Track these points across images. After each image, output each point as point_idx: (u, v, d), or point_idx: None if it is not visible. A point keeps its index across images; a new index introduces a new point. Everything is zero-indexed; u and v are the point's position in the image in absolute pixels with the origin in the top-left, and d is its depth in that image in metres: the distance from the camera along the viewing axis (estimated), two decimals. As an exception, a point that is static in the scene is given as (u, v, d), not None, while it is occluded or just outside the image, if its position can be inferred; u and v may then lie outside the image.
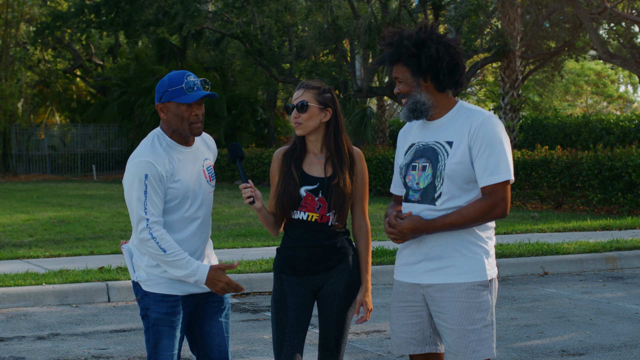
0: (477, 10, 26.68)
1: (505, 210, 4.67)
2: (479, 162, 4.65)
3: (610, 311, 9.78)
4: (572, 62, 47.98)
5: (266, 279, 10.99)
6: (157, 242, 4.83)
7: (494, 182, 4.63)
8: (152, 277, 4.99)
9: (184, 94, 4.87)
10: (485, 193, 4.66)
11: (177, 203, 4.96)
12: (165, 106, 4.92)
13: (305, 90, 5.08)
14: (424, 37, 4.72)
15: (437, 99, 4.78)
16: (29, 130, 42.79)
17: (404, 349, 4.89)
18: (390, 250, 12.58)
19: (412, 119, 4.81)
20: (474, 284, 4.69)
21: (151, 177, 4.84)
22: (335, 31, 30.09)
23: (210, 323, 5.14)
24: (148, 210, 4.84)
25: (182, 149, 5.00)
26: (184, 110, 4.89)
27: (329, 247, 5.07)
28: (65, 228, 17.02)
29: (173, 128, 4.96)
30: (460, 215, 4.64)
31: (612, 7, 26.56)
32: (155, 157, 4.88)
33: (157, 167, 4.86)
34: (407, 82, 4.77)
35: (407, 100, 4.78)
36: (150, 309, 5.00)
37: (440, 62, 4.69)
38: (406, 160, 4.86)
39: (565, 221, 17.16)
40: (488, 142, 4.65)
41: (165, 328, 4.98)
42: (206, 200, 5.09)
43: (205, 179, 5.07)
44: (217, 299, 5.15)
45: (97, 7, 38.51)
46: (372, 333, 8.81)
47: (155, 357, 5.01)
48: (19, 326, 9.18)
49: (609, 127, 29.19)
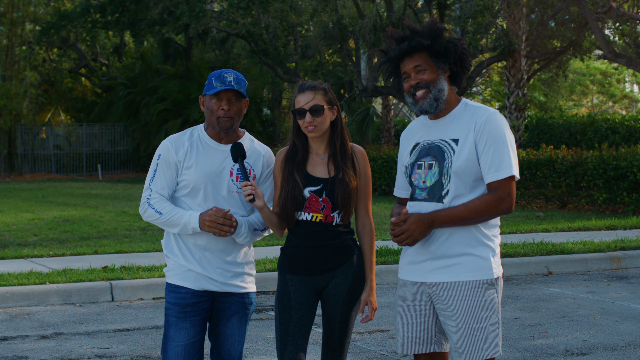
0: (484, 11, 26.65)
1: (510, 205, 4.66)
2: (485, 158, 4.65)
3: (614, 311, 9.76)
4: (578, 62, 47.94)
5: (270, 279, 10.99)
6: (152, 207, 5.10)
7: (499, 178, 4.63)
8: (171, 268, 5.18)
9: (212, 87, 5.05)
10: (491, 188, 4.66)
11: (188, 192, 5.13)
12: (203, 99, 5.16)
13: (315, 92, 5.05)
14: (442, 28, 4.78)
15: (449, 92, 4.81)
16: (34, 130, 42.81)
17: (408, 348, 4.88)
18: (394, 250, 12.57)
19: (431, 112, 4.79)
20: (480, 282, 4.68)
21: (163, 157, 5.14)
22: (341, 30, 30.09)
23: (226, 323, 5.22)
24: (153, 183, 5.14)
25: (215, 145, 5.17)
26: (214, 104, 5.08)
27: (333, 247, 5.06)
28: (69, 227, 17.03)
29: (208, 121, 5.17)
30: (466, 207, 4.63)
31: (618, 6, 26.52)
32: (175, 142, 5.16)
33: (171, 150, 5.13)
34: (430, 70, 4.77)
35: (428, 89, 4.76)
36: (165, 299, 5.20)
37: (456, 54, 4.77)
38: (411, 160, 4.85)
39: (570, 221, 17.14)
40: (493, 138, 4.65)
41: (172, 318, 5.12)
42: (230, 199, 5.15)
43: (231, 177, 5.15)
44: (235, 301, 5.20)
45: (103, 7, 38.54)
46: (375, 333, 8.80)
47: (164, 345, 5.16)
48: (22, 325, 9.18)
49: (614, 126, 29.17)
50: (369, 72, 30.26)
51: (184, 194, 5.14)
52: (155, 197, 5.11)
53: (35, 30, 43.92)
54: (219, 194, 5.12)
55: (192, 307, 5.10)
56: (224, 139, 5.17)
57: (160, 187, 5.13)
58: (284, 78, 32.84)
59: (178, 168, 5.12)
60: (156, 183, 5.13)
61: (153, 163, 5.17)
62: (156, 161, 5.14)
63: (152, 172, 5.15)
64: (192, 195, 5.11)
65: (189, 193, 5.12)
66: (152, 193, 5.12)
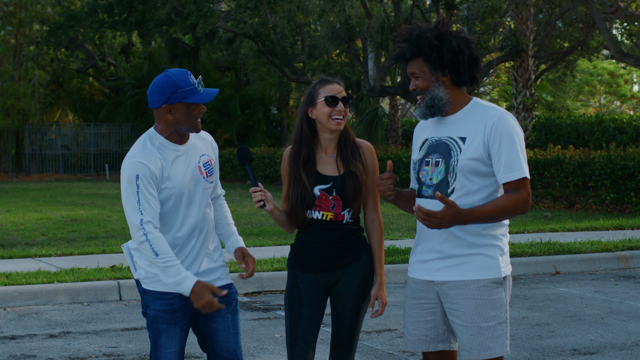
0: (492, 13, 26.64)
1: (529, 205, 4.68)
2: (498, 159, 4.64)
3: (621, 310, 9.75)
4: (586, 62, 47.88)
5: (277, 278, 10.99)
6: (150, 244, 4.77)
7: (515, 178, 4.63)
8: (150, 275, 4.94)
9: (196, 93, 4.87)
10: (512, 188, 4.64)
11: (173, 202, 4.91)
12: (172, 107, 4.87)
13: (341, 85, 5.09)
14: (444, 30, 4.74)
15: (453, 94, 4.77)
16: (42, 130, 42.88)
17: (417, 346, 4.88)
18: (402, 249, 12.57)
19: (428, 117, 4.79)
20: (488, 281, 4.68)
21: (142, 177, 4.80)
22: (348, 30, 30.11)
23: (216, 320, 5.06)
24: (142, 210, 4.79)
25: (176, 147, 4.95)
26: (194, 109, 4.89)
27: (344, 244, 5.08)
28: (77, 227, 17.07)
29: (176, 128, 4.93)
30: (496, 206, 4.62)
31: (626, 6, 26.48)
32: (146, 156, 4.84)
33: (149, 166, 4.81)
34: (425, 77, 4.75)
35: (423, 96, 4.76)
36: (149, 307, 4.97)
37: (462, 55, 4.71)
38: (420, 156, 4.85)
39: (577, 221, 17.12)
40: (507, 138, 4.63)
41: (163, 326, 4.95)
42: (203, 196, 5.03)
43: (202, 175, 5.02)
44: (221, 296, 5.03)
45: (110, 7, 38.61)
46: (383, 332, 8.80)
47: (155, 354, 4.99)
48: (30, 324, 9.20)
49: (622, 126, 29.11)
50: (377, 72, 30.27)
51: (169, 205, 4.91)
52: (150, 231, 4.77)
53: (43, 30, 44.00)
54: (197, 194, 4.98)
55: (180, 311, 4.96)
56: (184, 140, 4.99)
57: (151, 212, 4.79)
58: (292, 78, 32.87)
59: (158, 183, 4.84)
60: (145, 208, 4.78)
61: (131, 187, 4.79)
62: (135, 183, 4.78)
63: (135, 195, 4.78)
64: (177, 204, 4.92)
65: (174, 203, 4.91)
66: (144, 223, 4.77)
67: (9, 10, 41.33)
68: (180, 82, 4.86)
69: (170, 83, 4.87)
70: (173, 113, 4.88)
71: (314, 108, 5.05)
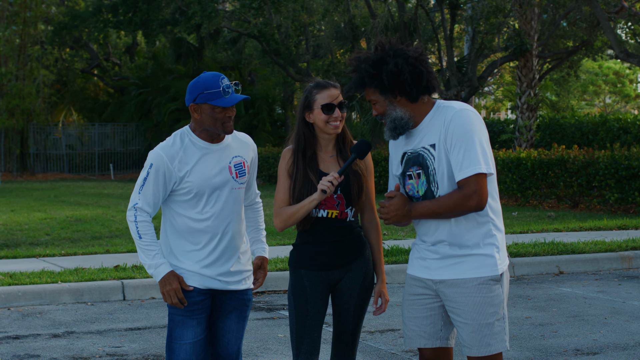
0: (497, 12, 26.63)
1: (479, 202, 4.63)
2: (452, 157, 4.66)
3: (625, 310, 9.75)
4: (591, 62, 47.83)
5: (280, 278, 11.00)
6: (136, 226, 5.05)
7: (466, 176, 4.62)
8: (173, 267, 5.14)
9: (221, 97, 5.00)
10: (459, 186, 4.66)
11: (192, 197, 5.08)
12: (199, 107, 5.05)
13: (337, 89, 5.13)
14: (382, 54, 4.74)
15: (413, 109, 4.78)
16: (46, 129, 42.95)
17: (414, 342, 4.93)
18: (404, 249, 12.57)
19: (396, 137, 4.83)
20: (485, 279, 4.71)
21: (155, 167, 5.05)
22: (352, 30, 30.12)
23: (224, 320, 5.24)
24: (141, 194, 5.07)
25: (207, 145, 5.12)
26: (219, 112, 5.03)
27: (348, 242, 5.13)
28: (81, 227, 17.09)
29: (204, 127, 5.09)
30: (437, 203, 4.68)
31: (630, 6, 26.46)
32: (168, 151, 5.07)
33: (165, 160, 5.05)
34: (380, 102, 4.79)
35: (385, 120, 4.80)
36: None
37: (402, 75, 4.69)
38: (401, 170, 4.89)
39: (581, 221, 17.11)
40: (458, 136, 4.64)
41: (178, 317, 5.13)
42: (231, 196, 5.16)
43: (231, 175, 5.15)
44: (234, 298, 5.24)
45: (115, 7, 38.65)
46: (386, 332, 8.81)
47: (170, 345, 5.17)
48: (34, 324, 9.22)
49: (626, 126, 29.08)
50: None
51: (187, 199, 5.09)
52: (141, 215, 5.05)
53: (47, 30, 44.06)
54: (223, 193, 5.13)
55: (198, 304, 5.13)
56: (216, 139, 5.16)
57: (146, 201, 5.06)
58: (296, 78, 32.88)
59: (172, 179, 5.06)
60: (145, 193, 5.05)
61: (144, 170, 5.08)
62: (147, 169, 5.06)
63: (142, 180, 5.07)
64: (197, 200, 5.09)
65: (193, 198, 5.09)
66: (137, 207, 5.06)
67: (14, 10, 41.41)
68: (208, 84, 5.02)
69: (199, 84, 5.05)
70: (199, 112, 5.07)
71: (311, 113, 5.10)
